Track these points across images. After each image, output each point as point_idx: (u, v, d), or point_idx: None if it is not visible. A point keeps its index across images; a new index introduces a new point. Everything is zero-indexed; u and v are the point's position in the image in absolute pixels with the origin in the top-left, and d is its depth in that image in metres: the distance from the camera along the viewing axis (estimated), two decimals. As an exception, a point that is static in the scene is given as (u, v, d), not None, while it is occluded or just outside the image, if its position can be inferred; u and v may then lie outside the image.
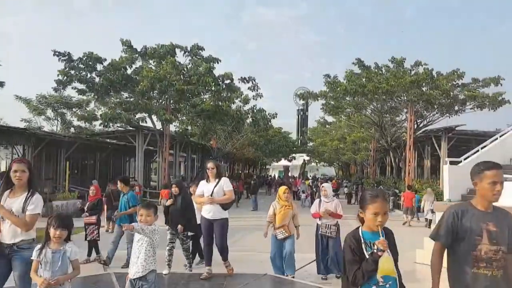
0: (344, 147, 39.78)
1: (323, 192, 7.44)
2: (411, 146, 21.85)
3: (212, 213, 6.42)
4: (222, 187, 6.42)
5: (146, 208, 4.22)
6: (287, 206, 7.06)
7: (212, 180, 6.50)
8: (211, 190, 6.40)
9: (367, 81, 21.78)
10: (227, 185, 6.47)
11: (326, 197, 7.39)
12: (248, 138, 35.28)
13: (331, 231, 7.21)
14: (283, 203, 7.07)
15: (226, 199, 6.44)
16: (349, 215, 19.18)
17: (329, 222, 7.23)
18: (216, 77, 22.55)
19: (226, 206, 6.47)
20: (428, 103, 22.06)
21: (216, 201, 6.35)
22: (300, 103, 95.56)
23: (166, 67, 20.89)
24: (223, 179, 6.52)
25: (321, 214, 7.23)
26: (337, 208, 7.33)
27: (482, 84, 23.14)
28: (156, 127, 23.00)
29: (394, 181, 27.00)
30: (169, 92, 21.26)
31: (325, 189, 7.47)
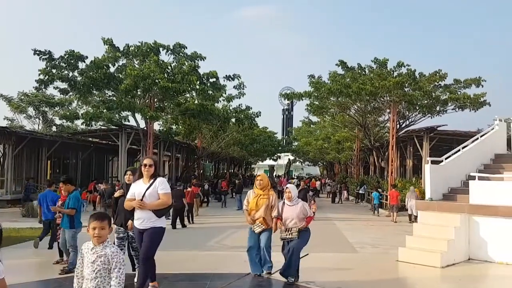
0: (328, 146, 40.03)
1: (287, 195, 6.60)
2: (394, 146, 22.06)
3: (142, 221, 5.25)
4: (156, 189, 5.25)
5: (99, 220, 3.26)
6: (262, 196, 6.61)
7: (146, 180, 5.32)
8: (142, 192, 5.25)
9: (351, 81, 21.90)
10: (163, 187, 5.28)
11: (290, 200, 6.59)
12: (233, 137, 35.22)
13: (292, 232, 6.51)
14: (257, 192, 6.68)
15: (159, 204, 5.23)
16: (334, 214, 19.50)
17: (293, 225, 6.53)
18: (201, 75, 22.43)
19: (160, 212, 5.27)
20: (410, 104, 22.31)
21: (147, 207, 5.19)
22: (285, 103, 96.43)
23: (150, 65, 20.70)
24: (159, 179, 5.32)
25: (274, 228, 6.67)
26: (305, 212, 6.57)
27: (463, 85, 23.50)
28: (139, 126, 22.79)
29: (377, 180, 27.23)
30: (153, 91, 21.09)
31: (289, 190, 6.64)
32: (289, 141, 62.71)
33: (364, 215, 20.18)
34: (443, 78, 22.61)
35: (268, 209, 6.62)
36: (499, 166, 10.65)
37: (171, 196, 5.37)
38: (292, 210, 6.52)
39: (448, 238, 8.42)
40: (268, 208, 6.62)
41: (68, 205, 7.51)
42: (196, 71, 22.09)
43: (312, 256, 9.08)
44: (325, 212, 19.76)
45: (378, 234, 13.44)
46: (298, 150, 54.33)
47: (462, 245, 8.71)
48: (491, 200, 8.64)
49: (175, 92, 21.06)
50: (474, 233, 8.80)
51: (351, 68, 23.91)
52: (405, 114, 24.74)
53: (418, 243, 8.69)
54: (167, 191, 5.31)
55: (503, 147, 12.14)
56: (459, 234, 8.62)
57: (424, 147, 21.21)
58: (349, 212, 21.51)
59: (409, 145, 24.53)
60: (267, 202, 6.63)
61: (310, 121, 46.95)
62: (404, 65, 22.53)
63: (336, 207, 24.72)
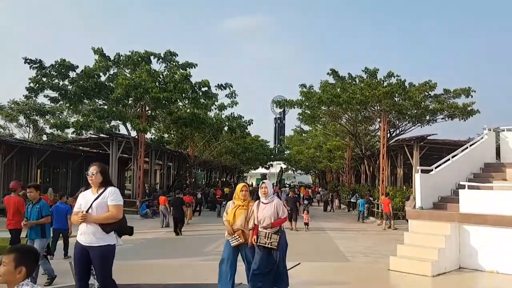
0: (320, 155, 40.13)
1: (262, 190, 6.12)
2: (385, 155, 22.17)
3: (86, 236, 4.42)
4: (106, 199, 4.45)
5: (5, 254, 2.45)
6: (242, 207, 6.10)
7: (95, 190, 4.57)
8: (89, 203, 4.49)
9: (341, 91, 22.03)
10: (114, 198, 4.47)
11: (266, 197, 6.10)
12: (226, 145, 35.19)
13: (272, 241, 5.91)
14: (238, 203, 6.16)
15: (107, 217, 4.40)
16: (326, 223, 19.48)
17: (270, 229, 5.93)
18: (193, 84, 22.43)
19: (109, 227, 4.42)
20: (400, 113, 22.48)
21: (90, 219, 4.39)
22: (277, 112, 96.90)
23: (141, 74, 20.67)
24: (110, 189, 4.51)
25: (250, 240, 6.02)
26: (278, 210, 6.02)
27: (453, 95, 23.74)
28: (130, 135, 22.66)
29: (368, 188, 27.30)
30: (144, 100, 21.01)
31: (265, 186, 6.15)
32: (281, 149, 62.82)
33: (355, 223, 20.20)
34: (432, 88, 22.82)
35: (246, 221, 6.11)
36: (488, 175, 10.72)
37: (122, 208, 4.56)
38: (267, 209, 5.99)
39: (439, 247, 8.43)
40: (247, 220, 6.10)
41: (39, 214, 7.01)
42: (188, 80, 22.08)
43: (304, 265, 9.04)
44: (317, 221, 19.73)
45: (369, 242, 13.43)
46: (290, 158, 54.44)
47: (453, 254, 8.71)
48: (480, 209, 8.68)
49: (167, 101, 21.01)
50: (464, 241, 8.81)
51: (342, 77, 24.06)
52: (396, 123, 24.91)
53: (409, 252, 8.68)
54: (118, 203, 4.49)
55: (492, 156, 12.23)
56: (449, 243, 8.62)
57: (415, 156, 21.33)
58: (341, 220, 21.51)
59: (399, 153, 24.67)
60: (245, 213, 6.07)
61: (302, 130, 47.12)
62: (394, 75, 22.73)
63: (328, 215, 24.71)
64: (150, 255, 10.46)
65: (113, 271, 4.53)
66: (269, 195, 6.10)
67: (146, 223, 18.29)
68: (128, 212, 19.81)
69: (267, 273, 5.92)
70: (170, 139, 30.03)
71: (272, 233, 5.91)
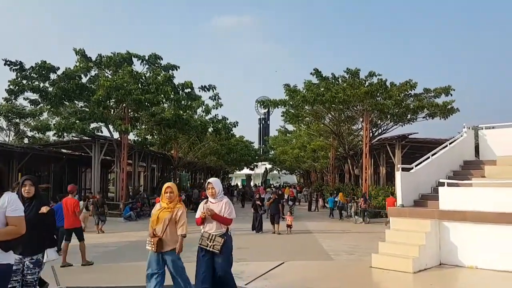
0: (304, 155, 40.31)
1: (210, 191, 5.65)
2: (367, 154, 22.39)
3: None
4: (4, 209, 3.48)
5: None
6: (166, 209, 5.51)
7: None
8: None
9: (325, 91, 22.19)
10: (14, 207, 3.52)
11: (214, 197, 5.64)
12: (210, 147, 35.08)
13: (215, 244, 5.43)
14: (163, 205, 5.59)
15: (8, 232, 3.46)
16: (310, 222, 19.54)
17: (215, 231, 5.51)
18: (176, 85, 22.30)
19: (7, 244, 3.49)
20: (382, 113, 22.72)
21: None
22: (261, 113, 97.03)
23: (123, 76, 20.47)
24: (6, 196, 3.52)
25: (201, 216, 5.58)
26: (225, 210, 5.55)
27: (433, 94, 24.11)
28: (113, 137, 22.41)
29: (352, 187, 27.54)
30: (126, 101, 20.80)
31: (212, 186, 5.64)
32: (266, 150, 62.90)
33: (340, 222, 20.33)
34: (413, 87, 23.13)
35: (170, 226, 5.43)
36: (467, 172, 10.89)
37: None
38: (213, 207, 5.56)
39: (420, 244, 8.53)
40: (171, 224, 5.43)
41: None
42: (171, 81, 21.94)
43: (287, 264, 9.05)
44: (301, 221, 19.79)
45: (353, 241, 13.54)
46: (275, 159, 54.56)
47: (433, 250, 8.83)
48: (460, 206, 8.81)
49: (149, 103, 20.85)
50: (444, 238, 8.94)
51: (325, 77, 24.24)
52: (378, 122, 25.18)
53: (391, 249, 8.76)
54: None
55: (472, 154, 12.45)
56: (430, 239, 8.74)
57: (396, 154, 21.61)
58: (325, 219, 21.62)
59: (382, 153, 24.96)
60: (169, 216, 5.44)
61: (286, 130, 47.35)
62: (375, 74, 23.00)
63: (312, 215, 24.81)
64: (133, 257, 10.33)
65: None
66: (218, 195, 5.65)
67: (130, 226, 18.10)
68: (112, 214, 19.59)
69: (207, 279, 5.43)
70: (154, 140, 29.79)
71: (217, 235, 5.48)
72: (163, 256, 5.40)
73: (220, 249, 5.42)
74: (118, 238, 14.33)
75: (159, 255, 5.40)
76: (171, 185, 5.66)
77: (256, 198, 17.47)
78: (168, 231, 5.42)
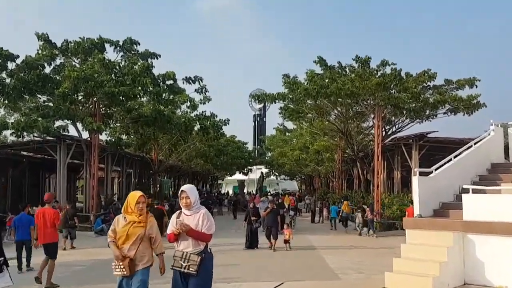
0: (306, 157, 40.34)
1: (184, 201, 5.38)
2: (380, 156, 22.37)
3: None
4: None
5: None
6: (138, 224, 5.38)
7: None
8: None
9: (330, 82, 22.16)
10: None
11: (188, 208, 5.38)
12: (196, 148, 34.97)
13: (190, 264, 5.19)
14: (131, 218, 5.40)
15: None
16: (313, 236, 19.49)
17: (190, 248, 5.26)
18: (156, 76, 22.20)
19: None
20: (396, 108, 22.74)
21: None
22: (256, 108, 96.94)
23: (94, 65, 20.36)
24: None
25: (173, 231, 5.31)
26: (202, 224, 5.32)
27: (456, 85, 24.17)
28: (82, 137, 22.28)
29: (362, 195, 27.55)
30: (97, 95, 20.68)
31: (187, 195, 5.37)
32: (262, 151, 62.92)
33: (345, 235, 20.32)
34: (432, 78, 23.17)
35: (143, 244, 5.38)
36: (496, 177, 10.90)
37: None
38: (189, 221, 5.30)
39: (441, 260, 8.50)
40: (144, 241, 5.39)
41: None
42: (150, 72, 21.86)
43: (287, 285, 9.00)
44: (303, 234, 19.76)
45: (363, 257, 13.51)
46: (272, 162, 54.55)
47: (457, 268, 8.81)
48: (487, 216, 8.79)
49: (124, 96, 20.74)
50: (469, 253, 8.91)
51: (330, 67, 24.21)
52: (391, 119, 25.21)
53: (407, 266, 8.73)
54: None
55: (500, 155, 12.45)
56: (452, 255, 8.71)
57: (413, 156, 21.62)
58: (330, 233, 21.61)
59: (396, 154, 24.98)
60: (143, 233, 5.37)
61: (285, 128, 47.31)
62: (388, 63, 22.98)
63: (316, 227, 24.77)
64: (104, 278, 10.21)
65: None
66: (194, 206, 5.38)
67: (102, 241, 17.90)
68: (81, 228, 19.43)
69: None
70: (130, 141, 29.63)
71: (192, 253, 5.22)
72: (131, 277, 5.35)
73: (196, 269, 5.15)
74: (88, 255, 14.22)
75: (129, 279, 5.34)
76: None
77: (250, 209, 17.30)
78: (141, 249, 5.37)
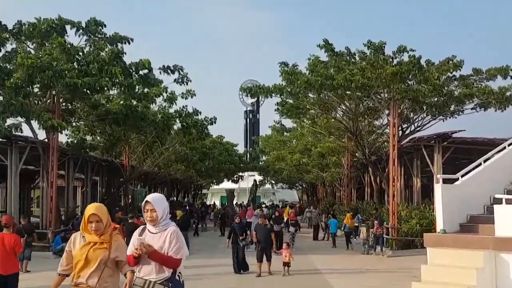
0: (308, 162, 40.35)
1: (148, 214, 5.12)
2: (396, 160, 22.43)
3: None
4: None
5: None
6: (99, 245, 5.09)
7: None
8: None
9: (336, 72, 22.20)
10: None
11: (154, 224, 5.15)
12: (176, 151, 34.90)
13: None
14: (90, 238, 5.11)
15: None
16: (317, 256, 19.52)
17: (154, 276, 5.05)
18: (127, 65, 22.16)
19: None
20: (415, 102, 22.81)
21: None
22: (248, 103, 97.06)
23: (52, 51, 20.29)
24: None
25: (133, 253, 5.08)
26: (170, 245, 5.10)
27: (486, 76, 24.31)
28: (38, 137, 22.17)
29: (375, 206, 27.62)
30: (57, 87, 20.62)
31: (152, 207, 5.12)
32: (255, 155, 62.80)
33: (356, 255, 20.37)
34: (458, 67, 23.28)
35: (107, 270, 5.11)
36: (534, 184, 10.98)
37: None
38: (153, 241, 5.10)
39: (469, 285, 8.56)
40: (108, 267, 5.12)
41: None
42: (120, 60, 21.82)
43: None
44: (304, 254, 19.80)
45: (376, 281, 13.57)
46: (268, 167, 54.46)
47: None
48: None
49: (89, 89, 20.68)
50: (503, 276, 8.97)
51: (338, 53, 24.23)
52: (410, 116, 25.29)
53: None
54: None
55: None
56: (482, 278, 8.76)
57: (436, 160, 21.68)
58: (338, 252, 21.62)
59: (415, 158, 25.03)
60: (105, 255, 5.09)
61: (283, 127, 47.33)
62: (406, 50, 23.03)
63: (320, 246, 24.81)
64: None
65: None
66: (161, 222, 5.13)
67: (61, 263, 17.88)
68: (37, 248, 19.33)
69: None
70: (96, 142, 29.49)
71: (157, 281, 5.02)
72: None
73: None
74: (44, 280, 14.08)
75: None
76: (97, 209, 5.15)
77: (235, 224, 16.98)
78: (104, 277, 5.06)
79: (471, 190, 10.39)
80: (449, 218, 9.84)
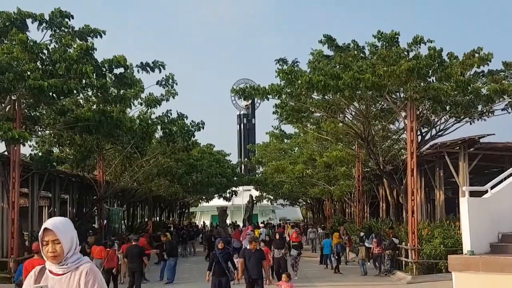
0: (313, 173, 40.32)
1: (49, 249, 4.29)
2: (415, 170, 22.41)
3: None
4: None
5: None
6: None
7: None
8: None
9: (342, 70, 22.19)
10: None
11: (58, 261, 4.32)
12: (158, 163, 34.85)
13: None
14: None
15: None
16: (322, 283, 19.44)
17: None
18: (99, 63, 22.15)
19: None
20: (436, 102, 22.82)
21: None
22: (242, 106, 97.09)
23: (12, 49, 20.30)
24: None
25: None
26: None
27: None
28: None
29: (391, 225, 27.58)
30: (18, 91, 20.63)
31: (55, 235, 4.24)
32: (250, 166, 62.79)
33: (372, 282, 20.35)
34: (485, 61, 23.31)
35: None
36: None
37: None
38: None
39: (502, 315, 8.54)
40: None
41: None
42: (91, 57, 21.81)
43: None
44: (309, 283, 19.75)
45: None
46: (265, 180, 54.37)
47: (524, 326, 8.85)
48: None
49: (56, 92, 20.68)
50: (541, 304, 8.97)
51: (344, 47, 24.26)
52: (430, 118, 25.31)
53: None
54: None
55: None
56: (518, 307, 8.76)
57: (461, 170, 21.71)
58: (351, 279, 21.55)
59: (437, 167, 25.07)
60: None
61: (283, 133, 47.33)
62: (423, 41, 23.05)
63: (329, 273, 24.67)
64: None
65: None
66: (68, 258, 4.32)
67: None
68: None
69: None
70: (65, 155, 29.44)
71: None
72: None
73: None
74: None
75: None
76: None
77: (217, 251, 15.66)
78: None
79: (503, 204, 10.38)
80: (478, 237, 9.82)
